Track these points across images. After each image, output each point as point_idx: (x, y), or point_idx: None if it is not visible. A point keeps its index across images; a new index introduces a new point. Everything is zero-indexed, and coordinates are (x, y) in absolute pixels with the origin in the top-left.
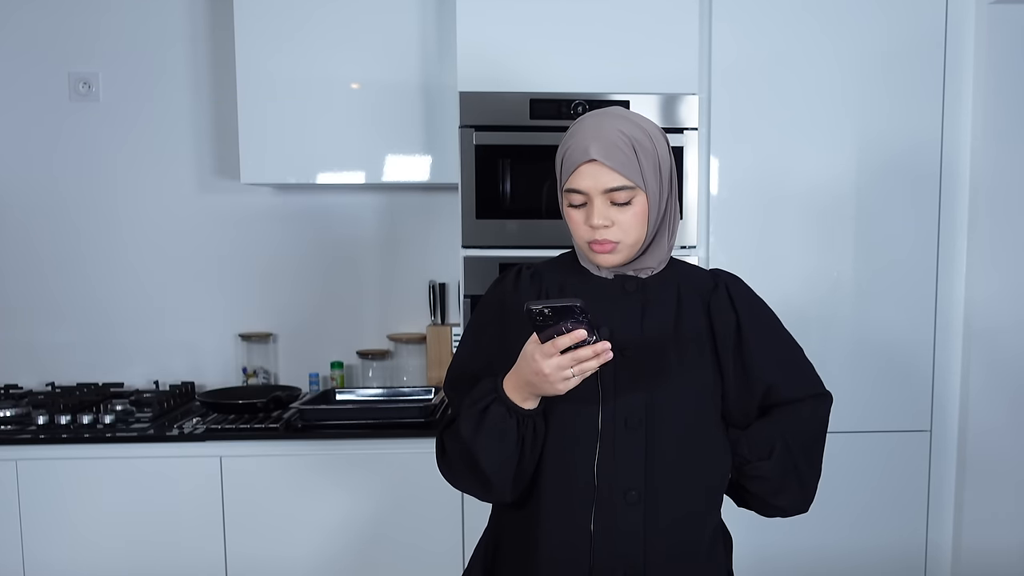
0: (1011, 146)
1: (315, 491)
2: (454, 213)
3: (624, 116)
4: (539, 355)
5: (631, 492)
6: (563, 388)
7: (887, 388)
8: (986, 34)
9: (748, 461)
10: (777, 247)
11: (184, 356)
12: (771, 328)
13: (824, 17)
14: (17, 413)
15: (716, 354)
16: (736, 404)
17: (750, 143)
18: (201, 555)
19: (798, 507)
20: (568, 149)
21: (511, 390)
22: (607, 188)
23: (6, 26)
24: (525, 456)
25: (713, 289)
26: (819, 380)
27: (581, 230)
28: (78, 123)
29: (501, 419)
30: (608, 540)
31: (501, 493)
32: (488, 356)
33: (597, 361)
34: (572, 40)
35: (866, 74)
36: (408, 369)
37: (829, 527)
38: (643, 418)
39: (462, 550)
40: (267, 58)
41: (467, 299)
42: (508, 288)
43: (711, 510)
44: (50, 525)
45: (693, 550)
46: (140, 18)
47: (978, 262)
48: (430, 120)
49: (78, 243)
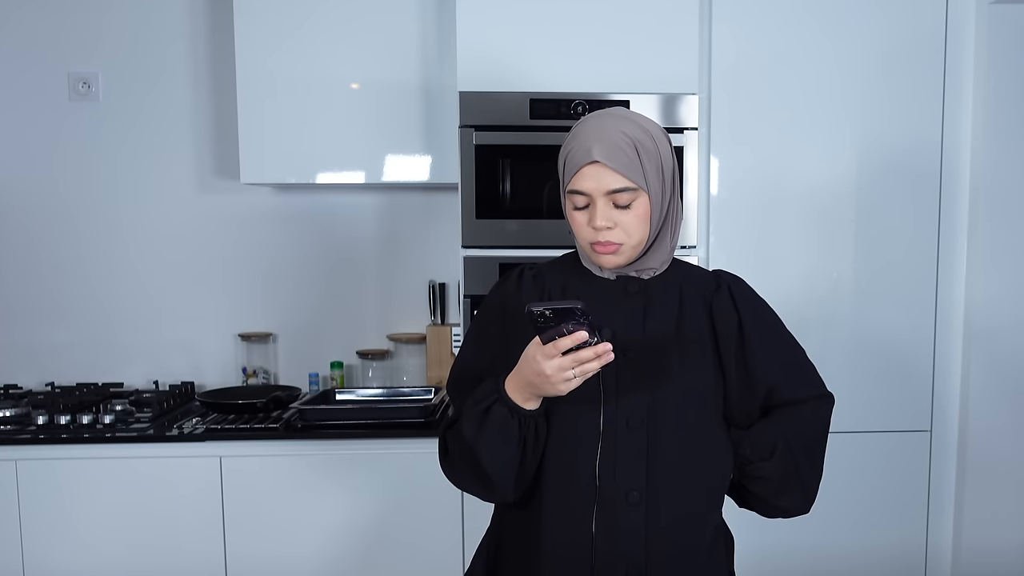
0: (1011, 146)
1: (315, 491)
2: (454, 213)
3: (627, 117)
4: (540, 356)
5: (632, 492)
6: (564, 389)
7: (887, 388)
8: (986, 34)
9: (750, 461)
10: (777, 247)
11: (184, 356)
12: (773, 329)
13: (824, 17)
14: (17, 413)
15: (718, 355)
16: (738, 405)
17: (750, 143)
18: (201, 555)
19: (800, 508)
20: (571, 150)
21: (513, 391)
22: (609, 190)
23: (6, 26)
24: (527, 456)
25: (715, 290)
26: (821, 381)
27: (584, 231)
28: (78, 123)
29: (503, 420)
30: (610, 540)
31: (503, 493)
32: (490, 357)
33: (598, 362)
34: (572, 40)
35: (866, 74)
36: (408, 369)
37: (829, 527)
38: (645, 418)
39: (462, 550)
40: (267, 58)
41: (467, 299)
42: (510, 289)
43: (712, 510)
44: (50, 525)
45: (694, 550)
46: (140, 18)
47: (978, 262)
48: (430, 120)
49: (78, 243)
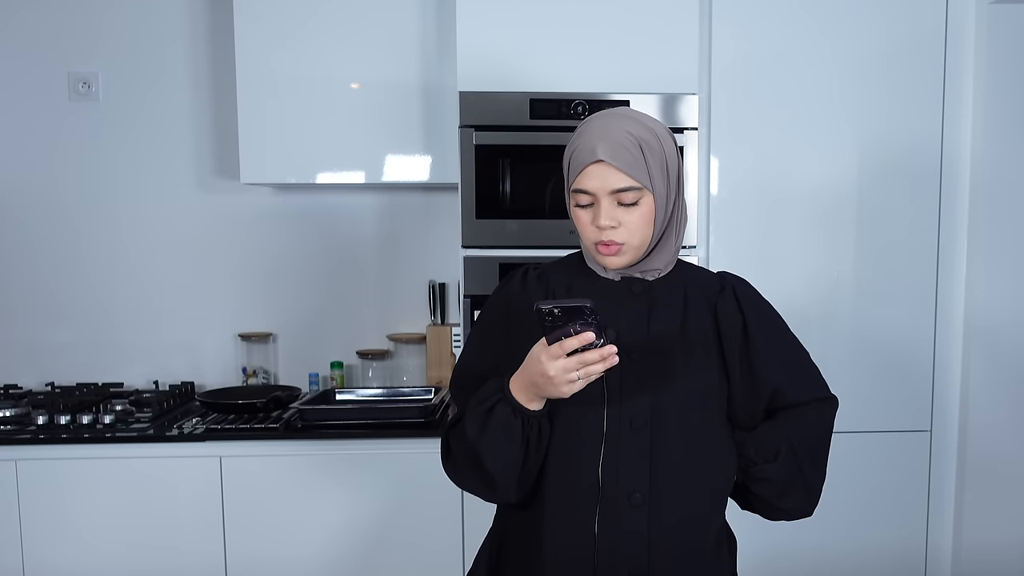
0: (1011, 146)
1: (315, 491)
2: (454, 213)
3: (632, 116)
4: (545, 357)
5: (635, 494)
6: (567, 392)
7: (887, 388)
8: (986, 34)
9: (754, 463)
10: (777, 247)
11: (184, 356)
12: (777, 331)
13: (824, 17)
14: (17, 413)
15: (722, 356)
16: (742, 407)
17: (750, 143)
18: (201, 555)
19: (803, 510)
20: (575, 149)
21: (517, 391)
22: (614, 189)
23: (6, 26)
24: (530, 457)
25: (720, 291)
26: (825, 384)
27: (588, 231)
28: (78, 123)
29: (506, 419)
30: (612, 541)
31: (506, 493)
32: (494, 357)
33: (603, 366)
34: (572, 40)
35: (866, 74)
36: (408, 369)
37: (829, 527)
38: (648, 420)
39: (463, 550)
40: (267, 58)
41: (467, 299)
42: (515, 289)
43: (716, 512)
44: (50, 525)
45: (697, 551)
46: (140, 17)
47: (978, 262)
48: (430, 120)
49: (78, 243)
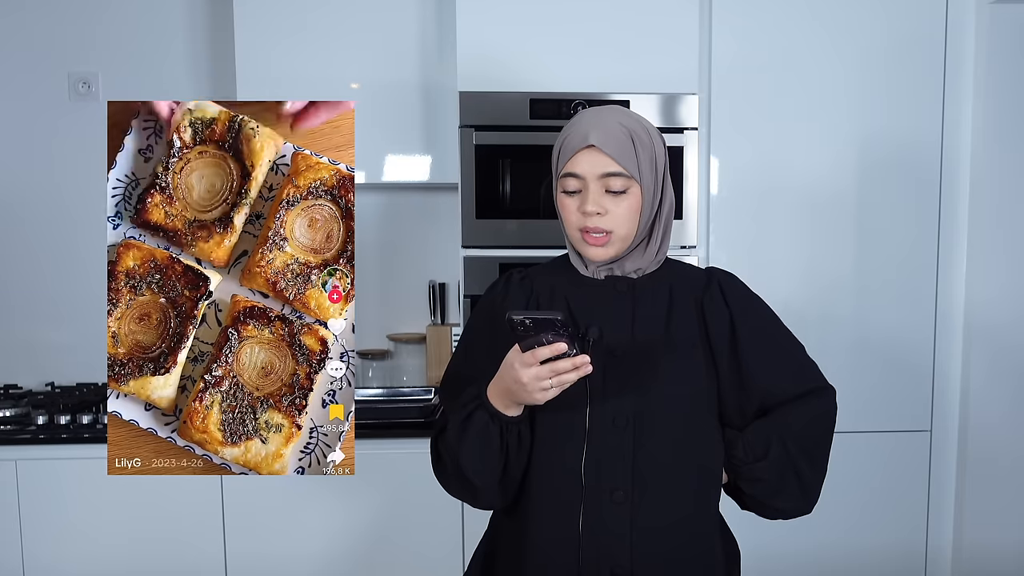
0: (1011, 145)
1: (315, 492)
2: (454, 213)
3: (623, 112)
4: (519, 364)
5: (617, 491)
6: (541, 398)
7: (887, 387)
8: (986, 34)
9: (744, 463)
10: (777, 246)
11: None
12: (767, 325)
13: (824, 17)
14: (17, 413)
15: (711, 354)
16: (733, 405)
17: (750, 142)
18: (201, 556)
19: (799, 508)
20: (567, 137)
21: (494, 397)
22: (604, 172)
23: (6, 26)
24: (510, 462)
25: (706, 287)
26: (820, 374)
27: (573, 217)
28: (78, 122)
29: (484, 426)
30: (595, 539)
31: (488, 499)
32: (479, 362)
33: (576, 374)
34: (572, 40)
35: (866, 74)
36: (408, 369)
37: (829, 527)
38: (631, 418)
39: (462, 551)
40: (267, 57)
41: (467, 299)
42: (499, 294)
43: (701, 512)
44: (50, 525)
45: (684, 554)
46: (140, 17)
47: (978, 260)
48: (430, 120)
49: (78, 243)
